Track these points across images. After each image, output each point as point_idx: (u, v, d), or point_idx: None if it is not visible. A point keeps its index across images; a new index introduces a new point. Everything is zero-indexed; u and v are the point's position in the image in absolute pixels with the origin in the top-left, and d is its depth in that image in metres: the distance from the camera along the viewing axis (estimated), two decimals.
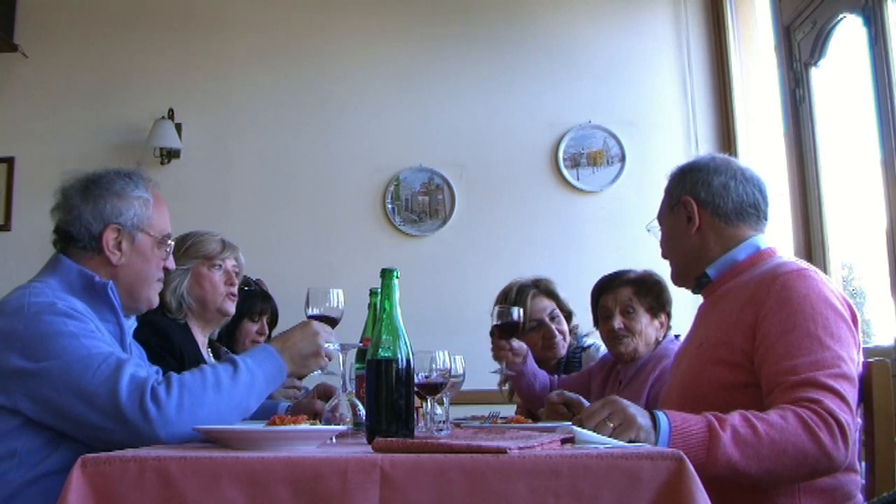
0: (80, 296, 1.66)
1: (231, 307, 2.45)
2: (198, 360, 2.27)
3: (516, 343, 2.53)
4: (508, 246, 4.02)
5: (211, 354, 2.50)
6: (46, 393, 1.51)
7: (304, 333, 1.73)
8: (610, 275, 2.56)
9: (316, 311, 1.75)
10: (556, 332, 2.83)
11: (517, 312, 2.41)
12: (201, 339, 2.44)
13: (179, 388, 1.52)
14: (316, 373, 1.78)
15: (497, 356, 2.52)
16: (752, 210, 1.83)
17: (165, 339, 2.23)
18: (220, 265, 2.43)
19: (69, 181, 1.78)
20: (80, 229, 1.72)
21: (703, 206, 1.83)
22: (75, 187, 1.77)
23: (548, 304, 2.87)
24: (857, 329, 1.64)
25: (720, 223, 1.83)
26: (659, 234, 1.97)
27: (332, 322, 1.77)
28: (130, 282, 1.76)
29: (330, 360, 1.76)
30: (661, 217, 1.95)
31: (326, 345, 1.72)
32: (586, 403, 2.10)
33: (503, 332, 2.45)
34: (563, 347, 2.86)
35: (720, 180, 1.83)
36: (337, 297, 1.76)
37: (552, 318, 2.85)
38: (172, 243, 1.86)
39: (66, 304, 1.60)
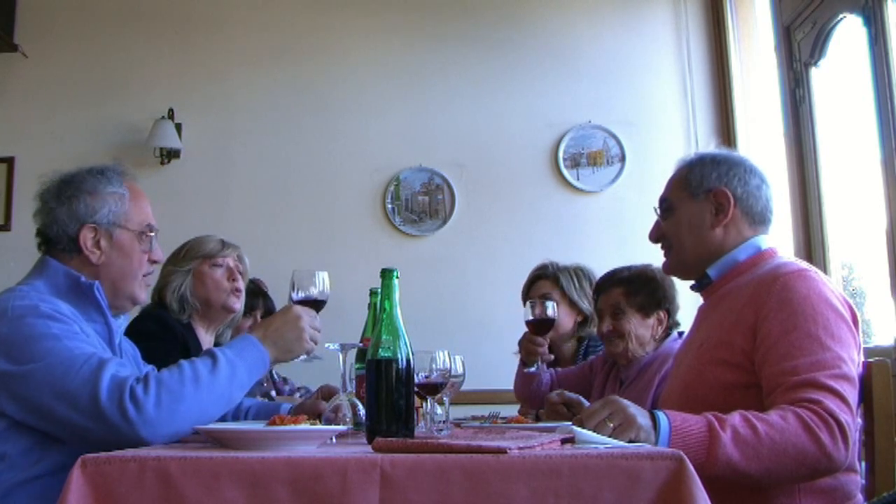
0: (67, 297, 1.65)
1: (236, 303, 2.44)
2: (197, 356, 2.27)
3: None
4: (508, 246, 4.02)
5: None
6: (30, 394, 1.50)
7: (285, 318, 1.71)
8: (607, 273, 2.53)
9: (301, 295, 1.72)
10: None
11: (552, 307, 2.35)
12: (206, 339, 2.43)
13: (157, 386, 1.50)
14: (301, 358, 1.73)
15: (529, 352, 2.44)
16: (770, 216, 1.84)
17: (167, 328, 2.23)
18: (221, 263, 2.43)
19: (45, 184, 1.77)
20: (57, 232, 1.71)
21: (738, 202, 1.81)
22: (50, 190, 1.76)
23: (545, 286, 2.89)
24: (858, 330, 1.64)
25: (745, 223, 1.81)
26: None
27: (317, 305, 1.74)
28: (113, 279, 1.74)
29: (315, 343, 1.73)
30: (677, 201, 1.87)
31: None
32: (586, 403, 2.09)
33: (538, 328, 2.37)
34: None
35: (755, 181, 1.82)
36: (322, 280, 1.74)
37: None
38: (154, 234, 1.81)
39: (50, 307, 1.59)
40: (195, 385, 1.54)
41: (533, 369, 2.46)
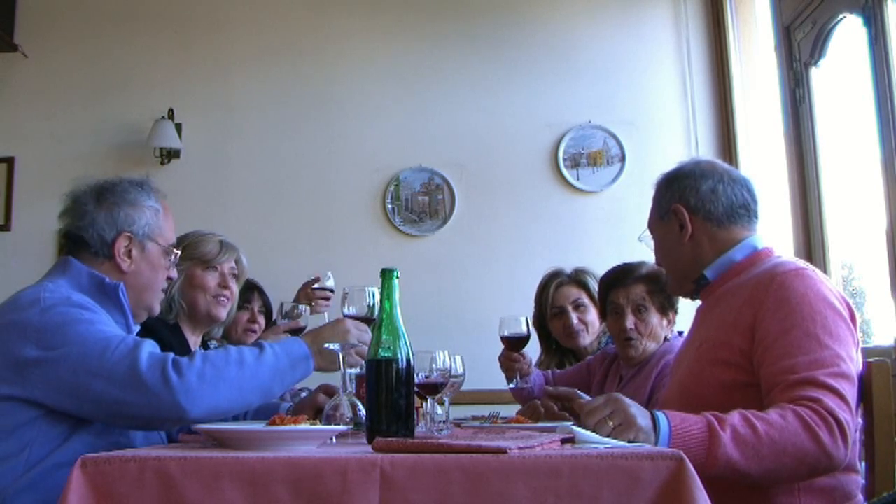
0: (91, 296, 1.69)
1: (221, 312, 2.39)
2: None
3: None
4: (508, 246, 4.02)
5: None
6: (64, 376, 1.52)
7: (335, 330, 1.73)
8: (620, 267, 2.47)
9: (352, 311, 1.75)
10: (576, 321, 2.83)
11: (525, 323, 2.32)
12: (193, 339, 2.41)
13: (202, 360, 1.54)
14: (350, 371, 1.75)
15: (508, 368, 2.42)
16: (743, 211, 1.83)
17: (151, 332, 2.23)
18: (216, 268, 2.41)
19: (81, 187, 1.80)
20: (92, 235, 1.74)
21: (694, 212, 1.83)
22: (88, 194, 1.78)
23: (574, 293, 2.87)
24: (856, 328, 1.64)
25: (712, 227, 1.83)
26: (651, 243, 1.97)
27: (367, 321, 1.76)
28: (137, 289, 1.78)
29: (363, 358, 1.73)
30: (652, 226, 1.95)
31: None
32: (583, 395, 2.08)
33: (513, 344, 2.35)
34: (585, 337, 2.84)
35: (708, 185, 1.83)
36: (373, 297, 1.76)
37: (577, 307, 2.85)
38: (178, 253, 1.89)
39: (80, 298, 1.64)
40: (239, 367, 1.57)
41: (513, 385, 2.43)
